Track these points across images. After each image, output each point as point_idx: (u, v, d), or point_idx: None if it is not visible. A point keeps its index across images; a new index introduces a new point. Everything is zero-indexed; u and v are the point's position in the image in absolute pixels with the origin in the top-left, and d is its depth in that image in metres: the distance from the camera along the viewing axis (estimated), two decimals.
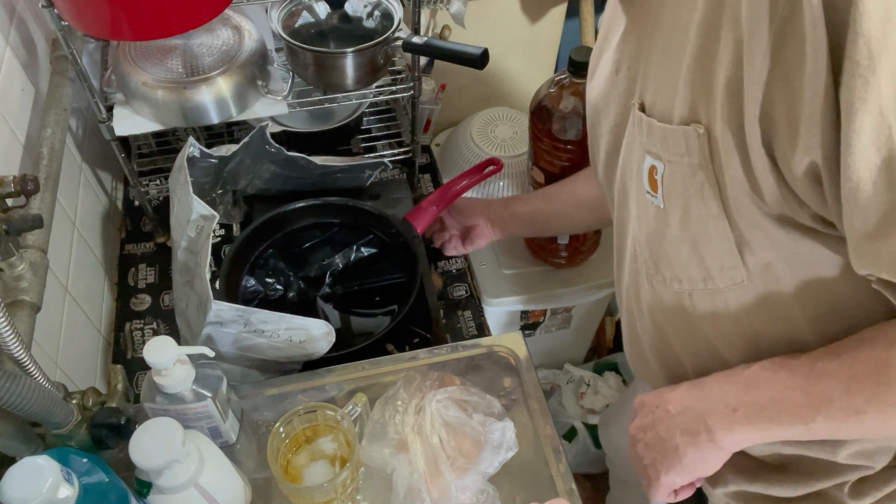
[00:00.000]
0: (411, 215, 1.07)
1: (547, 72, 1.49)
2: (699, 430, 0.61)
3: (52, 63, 1.00)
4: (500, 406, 0.79)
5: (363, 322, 1.07)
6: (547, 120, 1.03)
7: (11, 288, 0.74)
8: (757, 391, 0.59)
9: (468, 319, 1.13)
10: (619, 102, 0.66)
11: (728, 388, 0.61)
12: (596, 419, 1.54)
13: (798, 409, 0.56)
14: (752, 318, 0.61)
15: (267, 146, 1.01)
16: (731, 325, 0.63)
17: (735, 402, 0.59)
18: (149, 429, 0.65)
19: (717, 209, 0.55)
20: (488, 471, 0.75)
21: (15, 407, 0.58)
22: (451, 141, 1.43)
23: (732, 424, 0.59)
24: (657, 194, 0.59)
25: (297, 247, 1.09)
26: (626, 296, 0.76)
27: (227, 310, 0.77)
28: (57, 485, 0.54)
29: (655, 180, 0.58)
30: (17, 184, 0.69)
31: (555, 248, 1.25)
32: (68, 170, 1.00)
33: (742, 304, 0.60)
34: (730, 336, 0.64)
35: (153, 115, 0.96)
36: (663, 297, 0.67)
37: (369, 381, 0.87)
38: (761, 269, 0.57)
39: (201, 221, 0.82)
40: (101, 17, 0.77)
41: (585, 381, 1.58)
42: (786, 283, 0.57)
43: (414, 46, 0.96)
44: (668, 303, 0.66)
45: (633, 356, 0.81)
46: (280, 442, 0.75)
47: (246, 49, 0.97)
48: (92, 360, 1.01)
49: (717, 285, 0.60)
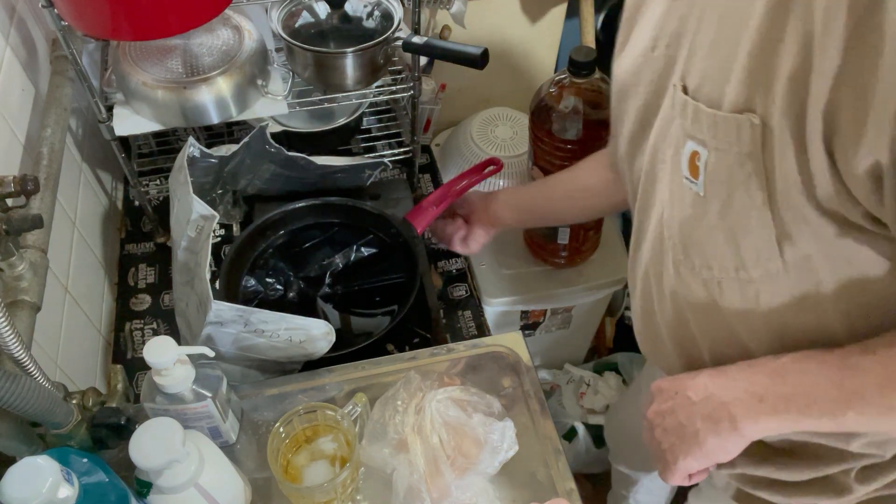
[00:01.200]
0: (411, 215, 1.07)
1: (547, 72, 1.49)
2: (721, 418, 0.61)
3: (52, 63, 1.00)
4: (500, 406, 0.79)
5: (363, 322, 1.06)
6: (547, 120, 1.03)
7: (11, 288, 0.74)
8: (786, 382, 0.58)
9: (468, 319, 1.13)
10: (652, 80, 0.64)
11: (754, 378, 0.60)
12: (596, 419, 1.54)
13: (828, 404, 0.55)
14: (783, 310, 0.60)
15: (267, 146, 1.01)
16: (758, 315, 0.62)
17: (762, 392, 0.59)
18: (149, 429, 0.65)
19: (761, 200, 0.53)
20: (488, 471, 0.75)
21: (15, 407, 0.58)
22: (451, 141, 1.43)
23: (758, 414, 0.59)
24: (698, 181, 0.57)
25: (297, 247, 1.09)
26: (642, 280, 0.74)
27: (227, 310, 0.77)
28: (57, 485, 0.54)
29: (697, 166, 0.57)
30: (17, 184, 0.69)
31: (555, 248, 1.25)
32: (68, 170, 1.00)
33: (774, 295, 0.59)
34: (756, 325, 0.63)
35: (153, 115, 0.96)
36: (690, 283, 0.65)
37: (369, 381, 0.87)
38: (799, 261, 0.56)
39: (201, 221, 0.82)
40: (101, 17, 0.77)
41: (585, 381, 1.58)
42: (823, 277, 0.57)
43: (414, 46, 0.96)
44: (693, 289, 0.65)
45: (647, 340, 0.79)
46: (280, 442, 0.75)
47: (246, 49, 0.97)
48: (92, 360, 1.01)
49: (751, 275, 0.59)
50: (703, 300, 0.65)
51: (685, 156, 0.58)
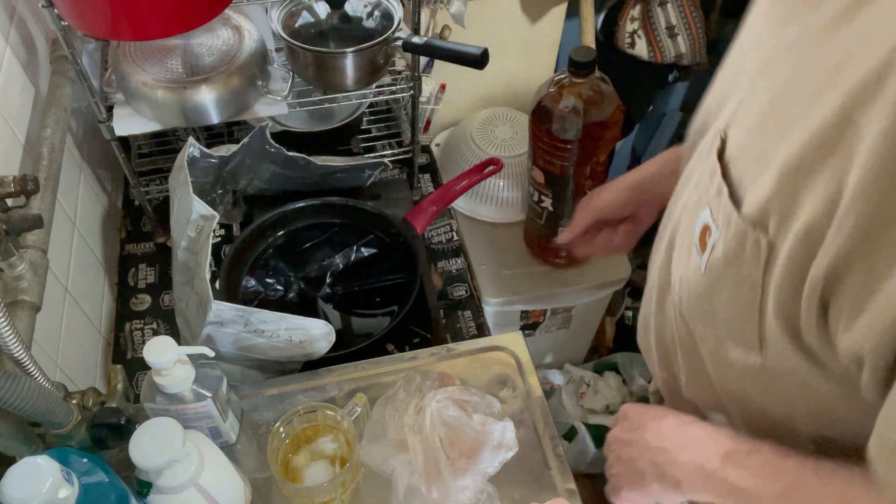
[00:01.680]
0: (411, 215, 1.07)
1: (547, 72, 1.49)
2: (667, 473, 0.62)
3: (52, 63, 1.00)
4: (500, 406, 0.79)
5: (363, 322, 1.07)
6: (547, 120, 1.03)
7: (11, 288, 0.74)
8: (735, 474, 0.58)
9: (468, 319, 1.13)
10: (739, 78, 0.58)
11: (709, 452, 0.60)
12: (596, 419, 1.54)
13: None
14: (752, 389, 0.59)
15: (267, 146, 1.01)
16: (731, 380, 0.61)
17: (710, 470, 0.59)
18: (149, 429, 0.65)
19: (753, 308, 0.51)
20: (488, 471, 0.75)
21: (15, 407, 0.58)
22: (451, 141, 1.43)
23: (701, 490, 0.60)
24: (703, 256, 0.54)
25: (298, 247, 1.09)
26: (659, 273, 0.71)
27: (227, 310, 0.77)
28: (57, 485, 0.54)
29: (706, 243, 0.53)
30: (17, 184, 0.69)
31: (555, 248, 1.25)
32: (68, 170, 1.00)
33: (746, 376, 0.58)
34: (727, 385, 0.62)
35: (153, 115, 0.96)
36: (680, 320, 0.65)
37: (369, 381, 0.87)
38: (776, 367, 0.54)
39: (201, 221, 0.82)
40: (101, 17, 0.77)
41: (585, 381, 1.58)
42: (794, 392, 0.55)
43: (414, 46, 0.96)
44: (682, 326, 0.65)
45: (642, 328, 0.77)
46: (280, 442, 0.75)
47: (246, 49, 0.98)
48: (92, 360, 1.01)
49: (729, 356, 0.58)
50: (687, 339, 0.64)
51: (699, 223, 0.55)
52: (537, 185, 1.14)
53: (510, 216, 1.34)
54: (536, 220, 1.21)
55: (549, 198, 1.14)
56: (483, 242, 1.31)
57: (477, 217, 1.34)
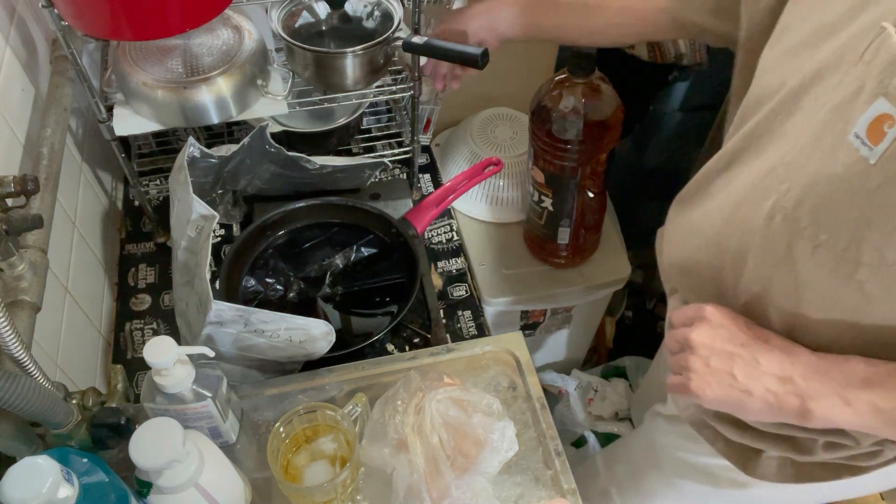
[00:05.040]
0: (411, 215, 1.07)
1: (547, 72, 1.49)
2: (792, 405, 0.58)
3: (52, 63, 1.00)
4: (499, 406, 0.79)
5: (363, 322, 1.07)
6: (547, 120, 1.03)
7: (11, 288, 0.74)
8: (880, 394, 0.55)
9: (468, 319, 1.13)
10: None
11: (849, 381, 0.57)
12: (605, 426, 1.52)
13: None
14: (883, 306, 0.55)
15: (267, 146, 1.01)
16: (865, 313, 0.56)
17: (851, 398, 0.56)
18: (149, 429, 0.65)
19: None
20: (488, 471, 0.75)
21: (15, 407, 0.58)
22: (451, 141, 1.43)
23: (838, 415, 0.57)
24: (875, 148, 0.50)
25: (298, 247, 1.09)
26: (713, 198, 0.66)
27: (227, 310, 0.77)
28: (57, 485, 0.54)
29: (884, 133, 0.49)
30: (17, 184, 0.69)
31: (555, 248, 1.25)
32: (68, 170, 1.00)
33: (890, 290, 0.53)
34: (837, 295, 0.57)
35: (153, 115, 0.96)
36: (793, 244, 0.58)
37: (369, 381, 0.87)
38: None
39: (201, 221, 0.82)
40: (101, 17, 0.77)
41: (593, 387, 1.56)
42: None
43: (414, 46, 0.95)
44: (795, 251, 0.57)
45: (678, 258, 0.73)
46: (280, 442, 0.75)
47: (246, 49, 0.97)
48: (92, 360, 1.01)
49: (886, 261, 0.52)
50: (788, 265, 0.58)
51: (868, 115, 0.50)
52: (537, 185, 1.14)
53: (510, 216, 1.34)
54: (536, 220, 1.21)
55: (549, 198, 1.14)
56: (483, 242, 1.31)
57: (477, 217, 1.34)
